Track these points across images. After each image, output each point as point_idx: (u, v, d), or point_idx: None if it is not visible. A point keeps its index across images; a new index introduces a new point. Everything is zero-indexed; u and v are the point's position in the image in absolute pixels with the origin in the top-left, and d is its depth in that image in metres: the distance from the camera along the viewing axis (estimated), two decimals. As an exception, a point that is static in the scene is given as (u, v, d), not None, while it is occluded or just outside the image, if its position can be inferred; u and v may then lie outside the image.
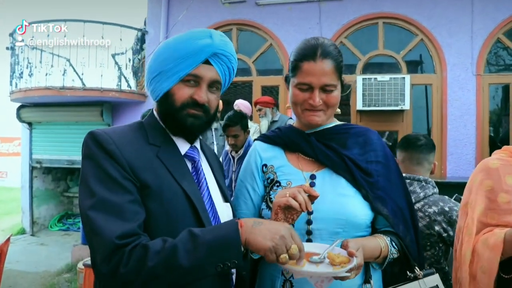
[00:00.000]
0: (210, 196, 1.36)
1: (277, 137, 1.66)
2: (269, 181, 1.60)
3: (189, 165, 1.36)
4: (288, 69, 1.59)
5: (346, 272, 1.19)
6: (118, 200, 1.12)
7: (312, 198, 1.31)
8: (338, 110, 1.64)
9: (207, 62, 1.29)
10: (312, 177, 1.53)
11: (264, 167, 1.64)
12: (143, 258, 1.05)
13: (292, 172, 1.56)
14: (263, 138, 1.71)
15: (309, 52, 1.48)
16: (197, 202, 1.25)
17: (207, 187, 1.36)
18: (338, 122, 1.66)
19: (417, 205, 2.20)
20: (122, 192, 1.14)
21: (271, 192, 1.56)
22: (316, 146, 1.55)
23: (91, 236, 1.11)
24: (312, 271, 1.18)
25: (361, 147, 1.57)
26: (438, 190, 2.31)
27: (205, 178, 1.37)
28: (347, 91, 1.57)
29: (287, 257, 1.10)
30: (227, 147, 4.40)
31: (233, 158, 4.33)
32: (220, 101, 5.18)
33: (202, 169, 1.39)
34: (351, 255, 1.24)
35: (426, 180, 2.28)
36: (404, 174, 2.17)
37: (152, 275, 1.05)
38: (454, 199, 3.00)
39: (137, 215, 1.14)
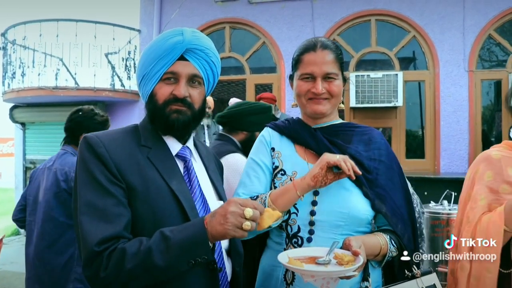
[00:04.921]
0: (202, 194, 1.38)
1: (286, 128, 1.70)
2: (273, 167, 1.64)
3: (181, 164, 1.39)
4: (291, 67, 1.66)
5: (354, 270, 1.22)
6: (102, 204, 1.18)
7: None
8: (342, 106, 1.69)
9: (183, 58, 1.33)
10: None
11: (272, 150, 1.67)
12: (121, 261, 1.11)
13: (299, 162, 1.60)
14: (273, 126, 1.75)
15: (310, 45, 1.58)
16: (185, 200, 1.28)
17: (199, 186, 1.38)
18: (343, 121, 1.71)
19: None
20: (106, 196, 1.19)
21: (275, 180, 1.60)
22: (321, 141, 1.59)
23: (79, 239, 1.20)
24: (322, 270, 1.22)
25: (366, 144, 1.61)
26: None
27: (196, 177, 1.39)
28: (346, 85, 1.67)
29: (249, 223, 1.11)
30: None
31: None
32: (211, 99, 5.14)
33: (193, 168, 1.41)
34: (355, 254, 1.28)
35: None
36: None
37: (130, 276, 1.12)
38: (445, 195, 3.02)
39: (120, 217, 1.19)
